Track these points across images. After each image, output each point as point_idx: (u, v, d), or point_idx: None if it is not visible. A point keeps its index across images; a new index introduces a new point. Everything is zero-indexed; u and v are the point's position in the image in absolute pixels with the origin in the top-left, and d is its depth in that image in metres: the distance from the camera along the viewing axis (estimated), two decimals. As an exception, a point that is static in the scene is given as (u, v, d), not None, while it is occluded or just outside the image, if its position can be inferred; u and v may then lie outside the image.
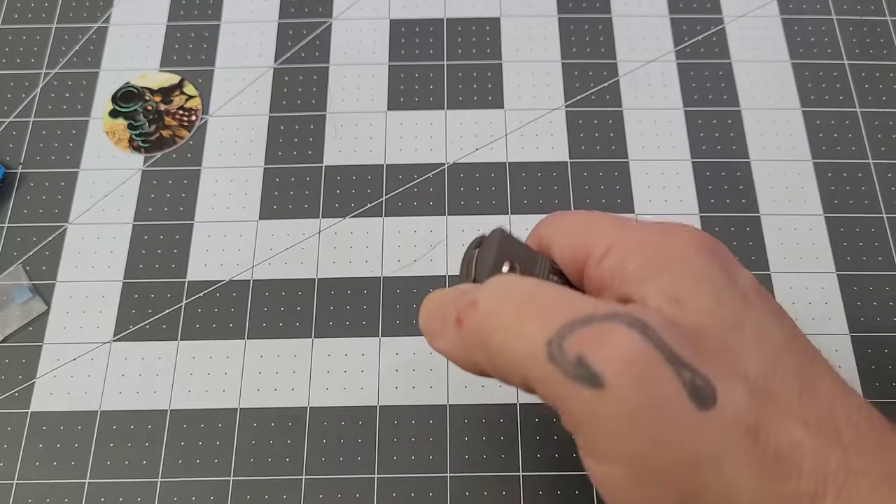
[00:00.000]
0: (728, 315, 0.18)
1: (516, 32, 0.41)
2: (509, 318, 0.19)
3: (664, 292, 0.18)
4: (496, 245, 0.23)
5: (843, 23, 0.41)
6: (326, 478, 0.32)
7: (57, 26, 0.42)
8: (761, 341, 0.18)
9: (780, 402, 0.17)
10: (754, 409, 0.16)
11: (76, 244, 0.36)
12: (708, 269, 0.19)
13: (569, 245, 0.22)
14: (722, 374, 0.17)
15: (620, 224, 0.21)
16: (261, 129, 0.39)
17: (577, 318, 0.17)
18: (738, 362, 0.17)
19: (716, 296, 0.18)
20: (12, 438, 0.33)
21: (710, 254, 0.19)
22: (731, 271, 0.19)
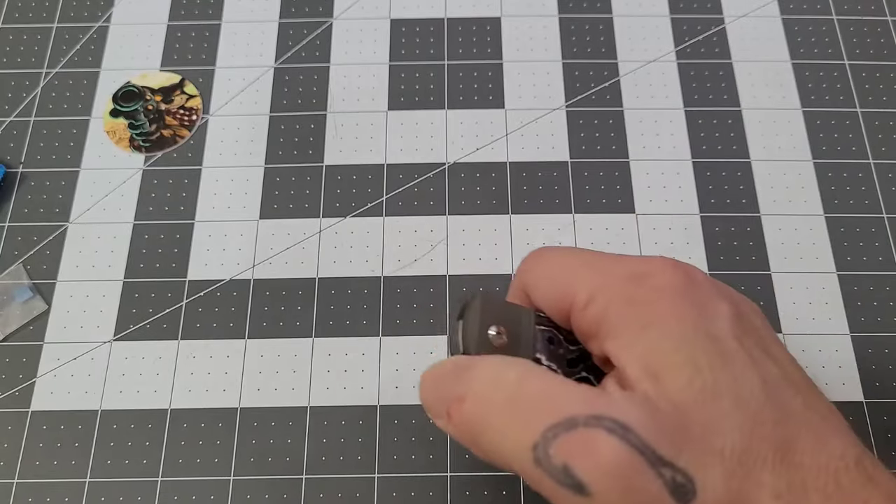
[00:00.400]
0: (705, 384, 0.18)
1: (517, 32, 0.41)
2: (495, 420, 0.19)
3: (642, 364, 0.19)
4: (479, 311, 0.23)
5: (843, 23, 0.41)
6: (326, 478, 0.32)
7: (57, 26, 0.42)
8: (738, 406, 0.18)
9: (756, 478, 0.18)
10: (732, 495, 0.17)
11: (77, 243, 0.36)
12: (683, 325, 0.19)
13: (551, 295, 0.22)
14: (701, 462, 0.17)
15: (597, 268, 0.21)
16: (261, 128, 0.39)
17: (561, 421, 0.18)
18: (716, 438, 0.18)
19: (693, 363, 0.19)
20: (12, 438, 0.33)
21: (685, 298, 0.20)
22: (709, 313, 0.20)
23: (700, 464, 0.17)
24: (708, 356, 0.19)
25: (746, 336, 0.20)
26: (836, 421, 0.20)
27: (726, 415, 0.18)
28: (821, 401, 0.20)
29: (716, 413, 0.18)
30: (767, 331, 0.21)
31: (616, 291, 0.20)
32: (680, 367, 0.19)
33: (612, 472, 0.17)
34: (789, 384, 0.19)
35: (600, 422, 0.17)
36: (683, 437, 0.17)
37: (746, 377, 0.19)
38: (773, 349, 0.21)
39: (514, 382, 0.20)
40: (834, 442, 0.19)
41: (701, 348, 0.19)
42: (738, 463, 0.18)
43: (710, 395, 0.18)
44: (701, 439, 0.18)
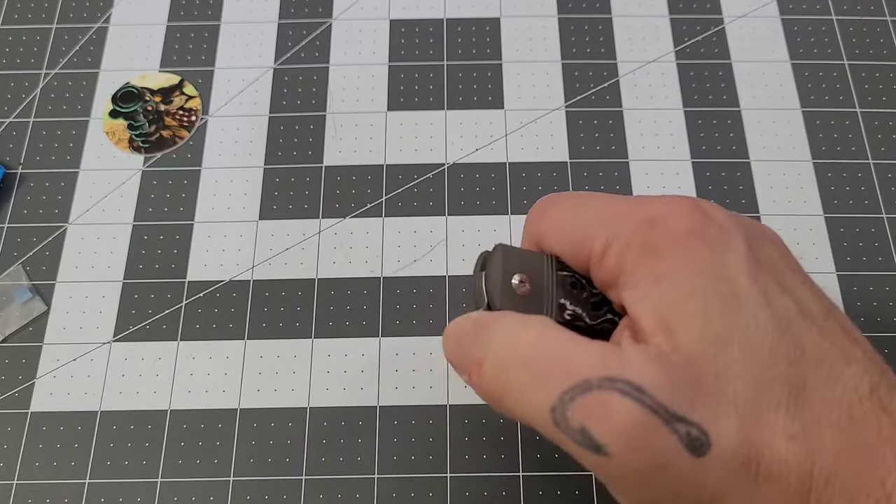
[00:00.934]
0: (716, 334, 0.19)
1: (516, 33, 0.41)
2: (513, 383, 0.20)
3: (655, 316, 0.19)
4: (500, 261, 0.23)
5: (842, 23, 0.41)
6: (326, 478, 0.32)
7: (57, 26, 0.42)
8: (749, 352, 0.18)
9: (768, 421, 0.18)
10: (745, 442, 0.18)
11: (76, 244, 0.36)
12: (696, 272, 0.19)
13: (566, 246, 0.22)
14: (714, 413, 0.18)
15: (610, 215, 0.21)
16: (261, 129, 0.39)
17: (577, 384, 0.18)
18: (728, 388, 0.18)
19: (704, 313, 0.19)
20: (12, 439, 0.33)
21: (700, 240, 0.20)
22: (722, 253, 0.20)
23: (713, 415, 0.18)
24: (720, 302, 0.19)
25: (761, 271, 0.20)
26: (851, 348, 0.19)
27: (737, 362, 0.18)
28: (837, 327, 0.20)
29: (727, 362, 0.18)
30: (784, 259, 0.21)
31: (631, 239, 0.20)
32: (692, 318, 0.19)
33: (628, 433, 0.18)
34: (805, 317, 0.19)
35: (614, 384, 0.18)
36: (696, 390, 0.18)
37: (758, 320, 0.19)
38: (790, 280, 0.20)
39: (530, 344, 0.20)
40: (848, 373, 0.18)
41: (713, 294, 0.19)
42: (751, 409, 0.18)
43: (721, 344, 0.18)
44: (713, 390, 0.18)
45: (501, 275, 0.23)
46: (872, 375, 0.19)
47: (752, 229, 0.21)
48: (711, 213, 0.21)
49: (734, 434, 0.17)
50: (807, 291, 0.20)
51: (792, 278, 0.20)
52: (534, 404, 0.19)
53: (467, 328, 0.22)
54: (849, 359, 0.19)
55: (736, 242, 0.20)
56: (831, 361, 0.19)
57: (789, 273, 0.21)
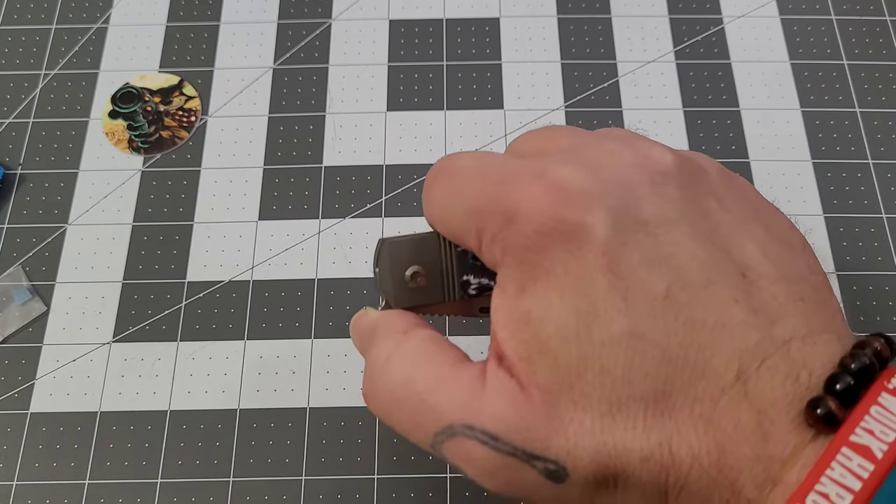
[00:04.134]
0: (571, 361, 0.18)
1: (516, 33, 0.41)
2: (393, 420, 0.21)
3: (514, 344, 0.19)
4: (388, 260, 0.23)
5: (842, 23, 0.41)
6: (326, 478, 0.32)
7: (56, 27, 0.42)
8: (605, 375, 0.18)
9: (623, 443, 0.18)
10: (601, 467, 0.18)
11: (76, 245, 0.36)
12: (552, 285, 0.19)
13: (450, 235, 0.22)
14: (566, 447, 0.18)
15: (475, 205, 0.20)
16: (260, 129, 0.39)
17: (442, 429, 0.20)
18: (586, 417, 0.18)
19: (559, 338, 0.18)
20: (12, 439, 0.33)
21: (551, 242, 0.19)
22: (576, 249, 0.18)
23: (566, 449, 0.18)
24: (574, 321, 0.18)
25: (622, 255, 0.18)
26: (736, 313, 0.18)
27: (592, 388, 0.18)
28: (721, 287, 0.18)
29: (582, 390, 0.18)
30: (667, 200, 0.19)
31: (493, 239, 0.20)
32: (547, 346, 0.18)
33: (491, 474, 0.19)
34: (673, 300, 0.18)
35: (473, 433, 0.19)
36: (552, 425, 0.18)
37: (612, 334, 0.18)
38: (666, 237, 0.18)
39: (400, 384, 0.21)
40: (717, 359, 0.17)
41: (568, 311, 0.18)
42: (607, 434, 0.18)
43: (576, 372, 0.18)
44: (570, 422, 0.18)
45: (391, 273, 0.22)
46: (746, 349, 0.17)
47: (625, 184, 0.19)
48: (570, 186, 0.19)
49: (588, 464, 0.18)
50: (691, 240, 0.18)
51: (676, 229, 0.18)
52: (416, 440, 0.21)
53: (365, 327, 0.23)
54: (724, 333, 0.18)
55: (594, 227, 0.18)
56: (697, 352, 0.18)
57: (671, 225, 0.19)
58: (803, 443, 0.17)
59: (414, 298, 0.23)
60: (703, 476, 0.17)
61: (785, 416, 0.17)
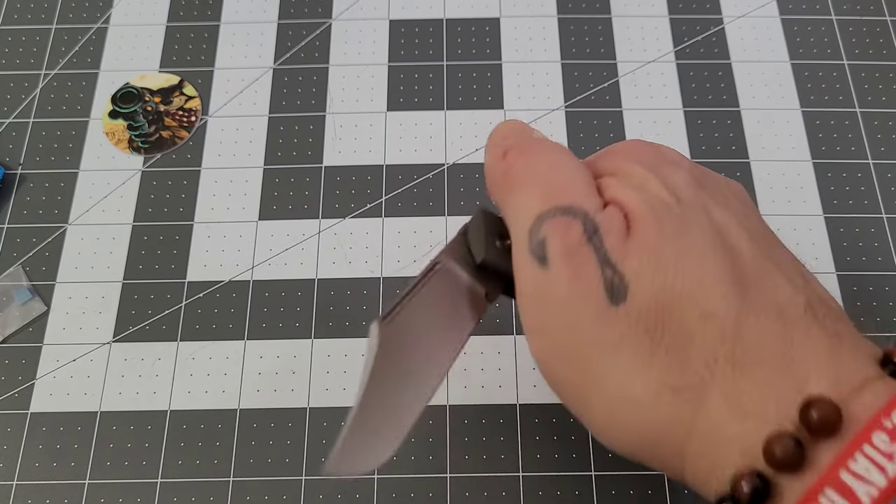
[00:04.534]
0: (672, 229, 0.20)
1: (516, 33, 0.41)
2: (525, 191, 0.22)
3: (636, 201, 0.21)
4: (482, 223, 0.24)
5: (842, 23, 0.41)
6: (326, 479, 0.32)
7: (57, 27, 0.42)
8: (689, 253, 0.20)
9: (686, 295, 0.19)
10: (657, 310, 0.19)
11: (76, 245, 0.36)
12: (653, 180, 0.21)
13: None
14: (642, 275, 0.19)
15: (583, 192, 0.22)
16: (260, 129, 0.39)
17: (562, 205, 0.21)
18: (660, 264, 0.19)
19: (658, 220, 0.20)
20: (12, 439, 0.33)
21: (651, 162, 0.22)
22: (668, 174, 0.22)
23: (642, 275, 0.19)
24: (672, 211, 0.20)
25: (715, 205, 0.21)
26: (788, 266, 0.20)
27: (682, 253, 0.20)
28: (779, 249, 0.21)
29: (677, 248, 0.20)
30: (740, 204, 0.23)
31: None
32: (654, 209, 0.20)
33: (569, 254, 0.20)
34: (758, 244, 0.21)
35: (585, 217, 0.20)
36: (639, 247, 0.20)
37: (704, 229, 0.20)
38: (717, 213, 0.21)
39: (549, 165, 0.22)
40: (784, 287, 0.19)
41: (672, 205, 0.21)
42: (676, 285, 0.19)
43: (676, 233, 0.20)
44: (651, 257, 0.19)
45: (484, 235, 0.23)
46: (808, 293, 0.20)
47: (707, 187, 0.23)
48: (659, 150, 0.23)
49: (649, 299, 0.19)
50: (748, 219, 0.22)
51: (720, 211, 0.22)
52: (528, 210, 0.21)
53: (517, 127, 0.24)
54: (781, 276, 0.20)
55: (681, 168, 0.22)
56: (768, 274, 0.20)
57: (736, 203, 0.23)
58: (871, 378, 0.18)
59: (498, 258, 0.23)
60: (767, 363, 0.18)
61: (856, 351, 0.18)
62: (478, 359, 0.34)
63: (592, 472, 0.32)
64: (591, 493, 0.31)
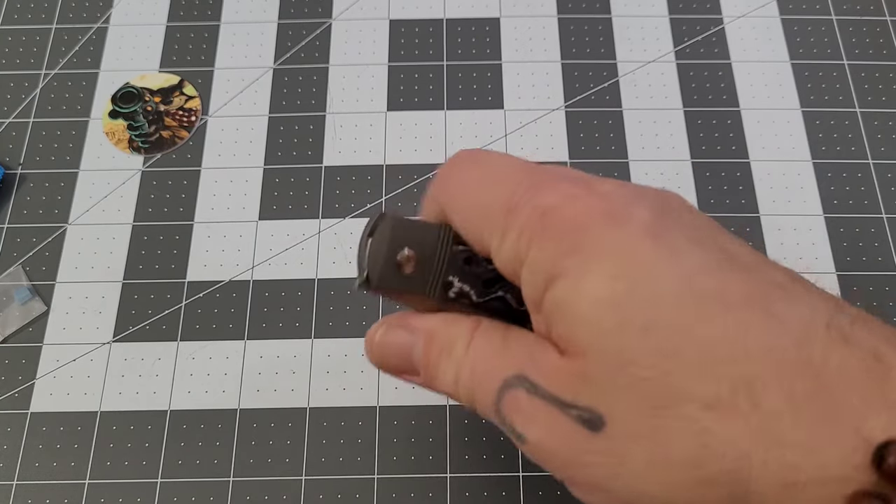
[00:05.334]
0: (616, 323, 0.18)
1: (516, 33, 0.41)
2: (461, 396, 0.22)
3: (558, 326, 0.19)
4: (388, 236, 0.22)
5: (842, 23, 0.41)
6: (326, 478, 0.32)
7: (57, 27, 0.42)
8: (648, 329, 0.17)
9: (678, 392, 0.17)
10: (645, 416, 0.18)
11: (76, 245, 0.36)
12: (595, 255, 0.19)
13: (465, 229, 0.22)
14: (605, 397, 0.18)
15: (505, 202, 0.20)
16: (260, 129, 0.39)
17: (500, 386, 0.20)
18: (628, 370, 0.18)
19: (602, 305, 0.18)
20: (12, 439, 0.33)
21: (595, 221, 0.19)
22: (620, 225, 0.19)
23: (605, 398, 0.18)
24: (621, 283, 0.18)
25: (668, 231, 0.18)
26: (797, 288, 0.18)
27: (637, 343, 0.18)
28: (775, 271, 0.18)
29: (627, 346, 0.18)
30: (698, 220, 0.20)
31: (524, 230, 0.20)
32: (587, 319, 0.18)
33: (533, 421, 0.19)
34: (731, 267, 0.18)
35: (521, 382, 0.20)
36: (587, 379, 0.18)
37: (662, 283, 0.18)
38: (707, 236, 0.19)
39: (470, 370, 0.21)
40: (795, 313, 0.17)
41: (610, 277, 0.18)
42: (650, 387, 0.17)
43: (618, 330, 0.18)
44: (608, 376, 0.18)
45: (385, 250, 0.22)
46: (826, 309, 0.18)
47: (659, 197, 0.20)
48: (606, 192, 0.19)
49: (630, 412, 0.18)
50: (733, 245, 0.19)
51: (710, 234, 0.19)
52: (483, 407, 0.21)
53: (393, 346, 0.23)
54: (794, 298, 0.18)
55: (637, 213, 0.19)
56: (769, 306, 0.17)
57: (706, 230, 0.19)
58: None
59: (398, 282, 0.22)
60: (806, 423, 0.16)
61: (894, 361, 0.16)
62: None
63: (592, 472, 0.32)
64: (591, 493, 0.31)
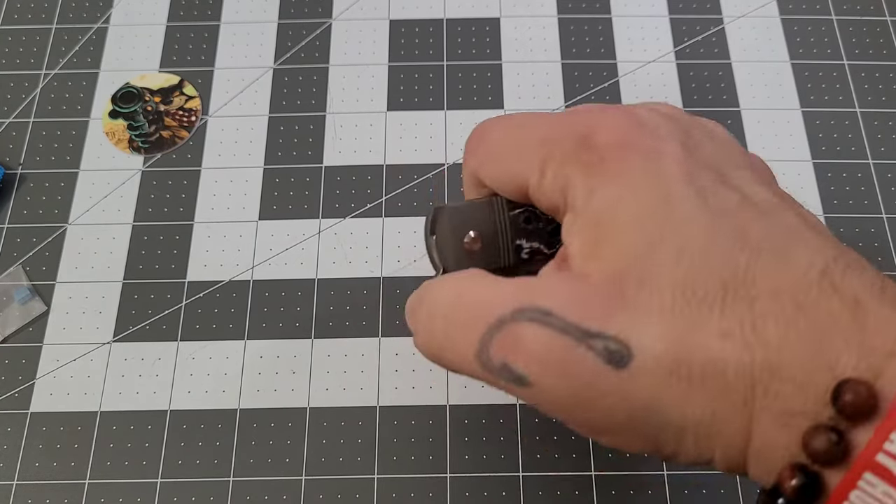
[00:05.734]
0: (644, 241, 0.18)
1: (516, 33, 0.41)
2: (443, 340, 0.20)
3: (584, 237, 0.19)
4: (447, 225, 0.23)
5: (842, 23, 0.41)
6: (326, 478, 0.32)
7: (57, 27, 0.42)
8: (678, 255, 0.17)
9: (698, 321, 0.17)
10: (672, 346, 0.17)
11: (76, 245, 0.36)
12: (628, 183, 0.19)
13: (503, 180, 0.21)
14: (636, 322, 0.17)
15: (540, 138, 0.20)
16: (261, 129, 0.39)
17: (492, 324, 0.18)
18: (654, 295, 0.17)
19: (633, 224, 0.18)
20: (12, 439, 0.33)
21: (631, 150, 0.19)
22: (654, 160, 0.19)
23: (633, 325, 0.17)
24: (651, 209, 0.18)
25: (697, 171, 0.19)
26: (803, 230, 0.18)
27: (665, 266, 0.17)
28: (789, 213, 0.19)
29: (652, 269, 0.17)
30: (728, 155, 0.20)
31: (564, 159, 0.19)
32: (619, 229, 0.18)
33: (542, 358, 0.18)
34: (749, 208, 0.18)
35: (523, 314, 0.18)
36: (614, 302, 0.17)
37: (692, 220, 0.18)
38: (733, 175, 0.19)
39: (449, 304, 0.20)
40: (796, 255, 0.17)
41: (645, 203, 0.18)
42: (679, 312, 0.17)
43: (647, 252, 0.18)
44: (634, 300, 0.17)
45: (451, 239, 0.22)
46: (825, 254, 0.18)
47: (691, 128, 0.20)
48: (643, 119, 0.20)
49: (658, 341, 0.17)
50: (753, 184, 0.19)
51: (736, 173, 0.20)
52: (463, 356, 0.19)
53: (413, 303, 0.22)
54: (798, 240, 0.18)
55: (670, 147, 0.19)
56: (776, 247, 0.18)
57: (732, 169, 0.20)
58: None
59: (472, 262, 0.22)
60: (796, 358, 0.16)
61: (880, 310, 0.16)
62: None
63: (592, 472, 0.32)
64: (591, 493, 0.31)
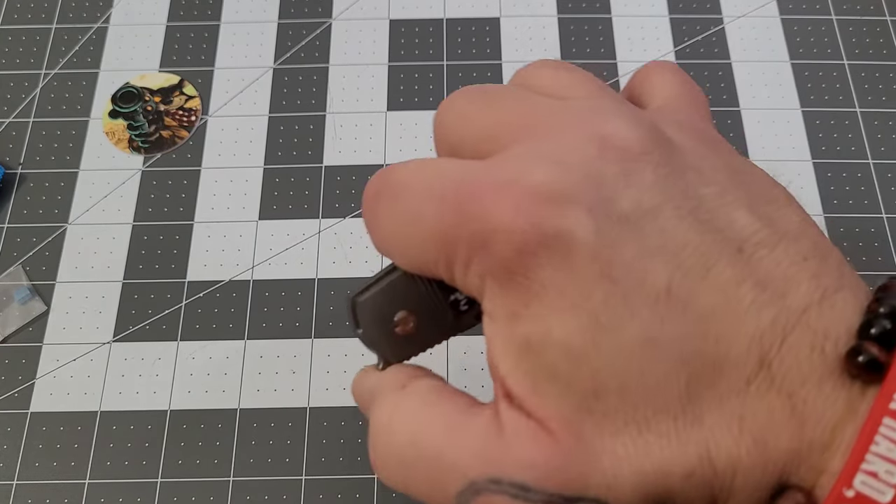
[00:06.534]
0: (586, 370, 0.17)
1: (516, 33, 0.41)
2: (409, 486, 0.19)
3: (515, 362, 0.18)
4: (368, 318, 0.21)
5: (842, 23, 0.41)
6: (326, 478, 0.32)
7: (57, 26, 0.42)
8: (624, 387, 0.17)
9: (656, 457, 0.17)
10: (643, 493, 0.17)
11: (76, 245, 0.36)
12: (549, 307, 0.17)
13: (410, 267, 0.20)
14: (607, 480, 0.17)
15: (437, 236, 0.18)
16: (261, 129, 0.39)
17: (465, 487, 0.18)
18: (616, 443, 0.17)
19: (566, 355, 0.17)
20: (12, 439, 0.33)
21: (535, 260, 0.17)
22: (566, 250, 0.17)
23: (605, 484, 0.17)
24: (578, 335, 0.17)
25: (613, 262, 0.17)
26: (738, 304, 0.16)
27: (614, 410, 0.17)
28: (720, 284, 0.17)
29: (603, 414, 0.17)
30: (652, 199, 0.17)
31: (469, 266, 0.18)
32: (556, 374, 0.17)
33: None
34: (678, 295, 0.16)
35: (501, 487, 0.17)
36: (584, 463, 0.17)
37: (623, 342, 0.16)
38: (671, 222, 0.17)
39: (403, 447, 0.19)
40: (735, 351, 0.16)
41: (570, 330, 0.17)
42: (642, 459, 0.16)
43: (593, 397, 0.17)
44: (601, 456, 0.17)
45: (379, 330, 0.21)
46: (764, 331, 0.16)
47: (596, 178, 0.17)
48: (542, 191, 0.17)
49: (630, 493, 0.17)
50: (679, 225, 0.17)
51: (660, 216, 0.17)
52: (435, 500, 0.18)
53: (364, 392, 0.21)
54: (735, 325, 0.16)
55: (577, 233, 0.17)
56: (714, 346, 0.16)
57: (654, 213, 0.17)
58: (842, 420, 0.15)
59: (412, 345, 0.21)
60: (748, 478, 0.16)
61: (818, 395, 0.16)
62: (478, 358, 0.34)
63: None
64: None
